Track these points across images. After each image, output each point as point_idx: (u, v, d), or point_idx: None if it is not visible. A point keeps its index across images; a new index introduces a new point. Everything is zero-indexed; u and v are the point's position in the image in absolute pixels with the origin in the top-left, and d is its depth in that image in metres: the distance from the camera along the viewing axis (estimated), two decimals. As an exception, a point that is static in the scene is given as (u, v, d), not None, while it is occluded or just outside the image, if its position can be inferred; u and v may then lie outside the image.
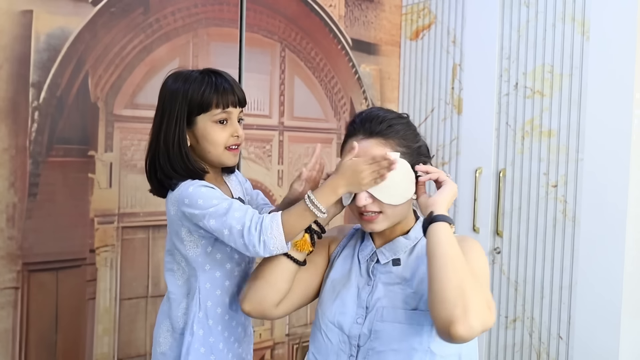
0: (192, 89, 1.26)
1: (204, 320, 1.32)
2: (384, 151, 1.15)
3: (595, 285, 2.01)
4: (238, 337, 1.40)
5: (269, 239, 1.16)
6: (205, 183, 1.27)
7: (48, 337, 1.76)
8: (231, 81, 1.31)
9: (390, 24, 2.67)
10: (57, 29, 1.74)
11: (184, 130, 1.27)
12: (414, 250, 1.22)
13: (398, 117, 1.21)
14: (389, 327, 1.14)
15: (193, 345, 1.31)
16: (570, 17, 2.10)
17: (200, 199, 1.22)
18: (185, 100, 1.26)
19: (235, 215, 1.18)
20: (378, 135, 1.17)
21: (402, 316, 1.14)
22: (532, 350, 2.19)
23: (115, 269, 1.88)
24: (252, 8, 2.18)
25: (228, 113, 1.29)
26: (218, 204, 1.21)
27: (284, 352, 2.34)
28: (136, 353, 1.95)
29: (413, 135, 1.21)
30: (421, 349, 1.12)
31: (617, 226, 1.95)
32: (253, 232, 1.17)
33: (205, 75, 1.29)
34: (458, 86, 2.47)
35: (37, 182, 1.72)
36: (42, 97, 1.72)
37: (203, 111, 1.27)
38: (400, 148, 1.17)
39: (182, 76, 1.30)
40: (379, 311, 1.16)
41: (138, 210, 1.92)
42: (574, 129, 2.08)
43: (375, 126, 1.17)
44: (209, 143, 1.29)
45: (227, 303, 1.35)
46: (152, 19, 1.93)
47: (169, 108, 1.28)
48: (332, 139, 2.48)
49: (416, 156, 1.19)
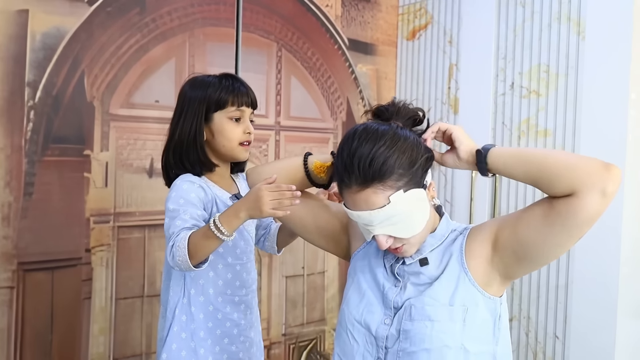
0: (211, 89, 1.39)
1: (187, 307, 1.39)
2: (385, 197, 1.05)
3: (591, 284, 2.01)
4: (228, 333, 1.43)
5: (176, 252, 1.25)
6: (194, 180, 1.37)
7: (43, 336, 1.76)
8: (245, 85, 1.44)
9: (386, 24, 2.67)
10: (53, 29, 1.74)
11: (201, 124, 1.39)
12: (440, 248, 1.16)
13: (387, 142, 1.06)
14: (419, 325, 1.09)
15: (173, 328, 1.39)
16: (566, 17, 2.10)
17: (174, 192, 1.35)
18: (204, 98, 1.39)
19: (176, 222, 1.30)
20: (373, 182, 1.04)
21: (432, 313, 1.09)
22: (529, 349, 2.19)
23: (111, 268, 1.88)
24: (248, 8, 2.18)
25: (242, 112, 1.41)
26: (178, 208, 1.32)
27: (281, 352, 2.34)
28: (132, 353, 1.94)
29: (409, 157, 1.07)
30: (454, 346, 1.07)
31: (612, 226, 1.95)
32: (169, 243, 1.28)
33: (222, 79, 1.42)
34: (454, 86, 2.48)
35: (32, 182, 1.72)
36: (38, 97, 1.72)
37: (220, 108, 1.39)
38: (400, 182, 1.06)
39: (200, 79, 1.43)
40: (407, 310, 1.11)
41: (134, 210, 1.92)
42: (570, 129, 2.09)
43: (366, 172, 1.04)
44: (224, 137, 1.40)
45: (211, 294, 1.41)
46: (149, 19, 1.93)
47: (187, 106, 1.40)
48: (329, 138, 2.48)
49: (420, 173, 1.09)
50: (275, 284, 2.31)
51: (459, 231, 1.18)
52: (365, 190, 1.05)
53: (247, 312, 1.46)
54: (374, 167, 1.04)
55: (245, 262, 1.46)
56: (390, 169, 1.04)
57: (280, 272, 2.33)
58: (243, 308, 1.45)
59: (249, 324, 1.48)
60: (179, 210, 1.32)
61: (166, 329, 1.42)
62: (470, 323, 1.09)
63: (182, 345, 1.39)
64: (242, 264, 1.45)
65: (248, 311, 1.47)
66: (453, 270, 1.12)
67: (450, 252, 1.14)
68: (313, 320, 2.45)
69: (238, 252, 1.44)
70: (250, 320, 1.48)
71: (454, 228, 1.19)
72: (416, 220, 1.09)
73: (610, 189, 1.00)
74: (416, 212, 1.09)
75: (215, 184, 1.43)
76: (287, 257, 2.35)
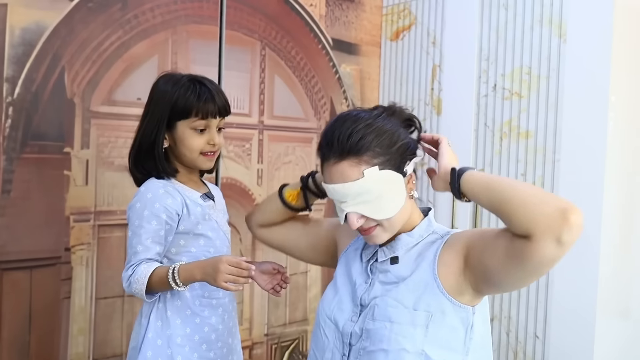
0: (177, 94, 1.35)
1: (162, 312, 1.38)
2: (360, 170, 1.07)
3: (571, 285, 2.04)
4: (206, 339, 1.40)
5: (134, 283, 1.32)
6: (159, 186, 1.36)
7: (21, 337, 1.73)
8: (214, 91, 1.38)
9: (370, 24, 2.68)
10: (32, 24, 1.71)
11: (162, 132, 1.37)
12: (416, 249, 1.16)
13: (367, 122, 1.10)
14: (380, 326, 1.10)
15: (148, 335, 1.37)
16: (548, 19, 2.13)
17: (138, 202, 1.35)
18: (169, 104, 1.36)
19: (138, 248, 1.34)
20: (349, 155, 1.08)
21: (393, 315, 1.09)
22: (509, 349, 2.21)
23: (91, 267, 1.85)
24: (232, 6, 2.16)
25: (207, 122, 1.38)
26: (141, 223, 1.33)
27: (263, 352, 2.33)
28: (112, 353, 1.92)
29: (389, 139, 1.10)
30: (414, 351, 1.07)
31: (592, 226, 1.98)
32: (128, 270, 1.33)
33: (192, 83, 1.37)
34: (437, 87, 2.49)
35: (10, 179, 1.68)
36: (17, 93, 1.69)
37: (183, 117, 1.36)
38: (376, 160, 1.08)
39: (172, 80, 1.39)
40: (371, 309, 1.12)
41: (115, 209, 1.90)
42: (551, 131, 2.11)
43: (343, 146, 1.08)
44: (184, 147, 1.38)
45: (188, 297, 1.38)
46: (131, 15, 1.91)
47: (153, 108, 1.38)
48: (312, 138, 2.48)
49: (399, 157, 1.11)
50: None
51: (440, 234, 1.16)
52: (342, 163, 1.08)
53: (224, 316, 1.44)
54: (351, 140, 1.08)
55: None
56: (367, 144, 1.08)
57: (263, 272, 2.32)
58: (221, 312, 1.43)
59: (227, 329, 1.45)
60: (142, 228, 1.34)
61: (141, 335, 1.38)
62: (435, 330, 1.08)
63: (158, 353, 1.36)
64: None
65: (226, 315, 1.44)
66: (423, 275, 1.11)
67: (424, 256, 1.13)
68: (295, 320, 2.45)
69: (212, 251, 1.41)
70: (229, 325, 1.46)
71: (435, 230, 1.17)
72: (388, 203, 1.09)
73: (566, 238, 0.94)
74: (390, 194, 1.09)
75: (184, 184, 1.42)
76: (269, 257, 2.33)
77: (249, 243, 2.25)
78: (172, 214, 1.36)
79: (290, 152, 2.38)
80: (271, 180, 2.32)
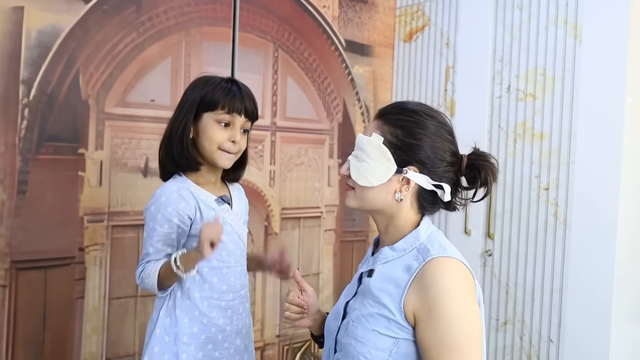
0: (207, 89, 1.40)
1: (172, 310, 1.40)
2: (373, 132, 1.12)
3: (585, 288, 2.01)
4: (212, 339, 1.41)
5: (146, 279, 1.37)
6: (174, 189, 1.39)
7: (36, 336, 1.75)
8: (244, 92, 1.42)
9: (383, 25, 2.67)
10: (48, 26, 1.73)
11: (189, 121, 1.40)
12: (390, 264, 1.11)
13: (425, 112, 1.12)
14: (348, 342, 1.10)
15: (156, 330, 1.39)
16: (563, 20, 2.10)
17: (153, 205, 1.39)
18: (199, 95, 1.40)
19: (149, 250, 1.38)
20: (381, 117, 1.14)
21: (360, 335, 1.08)
22: (523, 353, 2.19)
23: (105, 267, 1.87)
24: (245, 8, 2.17)
25: (232, 117, 1.40)
26: (154, 226, 1.38)
27: (274, 353, 2.33)
28: (125, 352, 1.93)
29: (417, 132, 1.10)
30: None
31: (607, 229, 1.96)
32: (140, 266, 1.39)
33: (224, 81, 1.42)
34: (451, 88, 2.48)
35: (26, 180, 1.70)
36: (33, 94, 1.71)
37: (210, 109, 1.39)
38: (389, 136, 1.11)
39: (204, 79, 1.44)
40: (346, 324, 1.12)
41: (128, 209, 1.91)
42: (566, 132, 2.09)
43: (387, 109, 1.15)
44: (205, 138, 1.40)
45: (197, 297, 1.40)
46: (145, 17, 1.93)
47: (183, 102, 1.42)
48: (325, 139, 2.48)
49: (404, 154, 1.10)
50: (269, 285, 2.30)
51: (421, 252, 1.09)
52: (374, 121, 1.16)
53: (233, 317, 1.44)
54: (393, 109, 1.14)
55: (234, 265, 1.44)
56: (398, 120, 1.12)
57: (275, 273, 2.32)
58: (229, 314, 1.43)
59: (235, 330, 1.45)
60: (155, 230, 1.38)
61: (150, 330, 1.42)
62: (397, 357, 1.05)
63: (165, 349, 1.38)
64: (229, 267, 1.43)
65: (234, 317, 1.45)
66: (390, 301, 1.07)
67: (396, 280, 1.08)
68: (307, 322, 2.45)
69: (224, 254, 1.42)
70: (237, 326, 1.46)
71: (421, 245, 1.11)
72: (366, 172, 1.12)
73: None
74: (372, 167, 1.11)
75: (201, 187, 1.42)
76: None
77: (260, 244, 2.26)
78: (184, 218, 1.37)
79: (302, 153, 2.39)
80: (283, 182, 2.32)
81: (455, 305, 1.01)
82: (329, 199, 2.49)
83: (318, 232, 2.46)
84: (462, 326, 1.01)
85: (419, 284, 1.05)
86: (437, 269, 1.04)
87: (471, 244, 2.33)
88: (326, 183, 2.48)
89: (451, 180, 1.13)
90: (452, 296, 1.02)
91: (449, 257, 1.07)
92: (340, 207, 2.52)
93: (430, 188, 1.11)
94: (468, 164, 1.14)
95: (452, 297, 1.02)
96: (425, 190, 1.12)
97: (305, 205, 2.41)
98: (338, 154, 2.52)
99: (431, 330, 1.02)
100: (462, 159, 1.15)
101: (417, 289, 1.04)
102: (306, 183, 2.41)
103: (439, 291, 1.02)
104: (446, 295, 1.02)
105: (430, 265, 1.05)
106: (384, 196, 1.12)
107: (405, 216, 1.14)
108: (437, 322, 1.01)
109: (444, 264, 1.05)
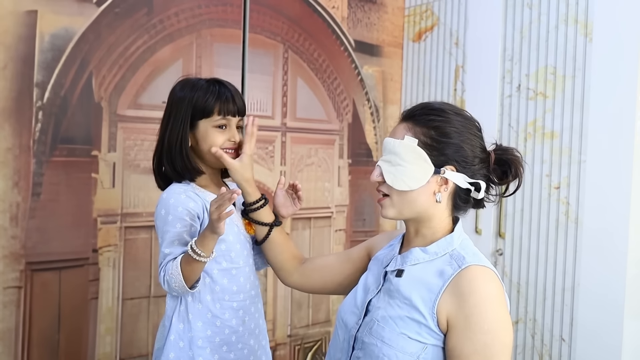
0: (197, 95, 1.40)
1: (184, 315, 1.40)
2: (405, 135, 1.11)
3: (597, 287, 2.01)
4: (226, 340, 1.42)
5: (170, 280, 1.34)
6: (180, 191, 1.40)
7: (50, 336, 1.76)
8: (233, 91, 1.44)
9: (392, 25, 2.67)
10: (61, 29, 1.75)
11: (186, 131, 1.41)
12: (422, 266, 1.11)
13: (452, 110, 1.13)
14: (372, 342, 1.08)
15: (170, 337, 1.39)
16: (574, 18, 2.10)
17: (163, 209, 1.39)
18: (190, 105, 1.40)
19: (165, 251, 1.37)
20: (410, 119, 1.13)
21: (387, 336, 1.07)
22: (535, 352, 2.19)
23: (118, 268, 1.89)
24: (255, 9, 2.18)
25: (227, 120, 1.42)
26: (168, 228, 1.37)
27: (286, 353, 2.34)
28: (138, 353, 1.95)
29: (450, 131, 1.10)
30: None
31: (619, 228, 1.95)
32: (161, 272, 1.36)
33: (210, 84, 1.42)
34: (460, 88, 2.48)
35: (40, 182, 1.72)
36: (46, 97, 1.73)
37: (205, 116, 1.41)
38: (423, 137, 1.10)
39: (189, 83, 1.43)
40: (371, 323, 1.11)
41: (141, 211, 1.92)
42: (577, 131, 2.08)
43: (413, 110, 1.14)
44: (207, 144, 1.42)
45: (209, 300, 1.40)
46: (156, 20, 1.94)
47: (175, 112, 1.42)
48: (335, 140, 2.48)
49: (440, 154, 1.10)
50: (280, 285, 2.31)
51: (454, 259, 1.09)
52: (401, 124, 1.15)
53: (245, 318, 1.44)
54: (421, 110, 1.14)
55: (242, 266, 1.44)
56: (429, 121, 1.11)
57: (286, 273, 2.33)
58: (242, 314, 1.43)
59: (248, 330, 1.46)
60: (168, 232, 1.38)
61: (164, 337, 1.41)
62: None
63: (180, 354, 1.38)
64: (238, 268, 1.43)
65: (247, 317, 1.45)
66: (422, 305, 1.06)
67: (428, 285, 1.08)
68: (318, 322, 2.45)
69: (233, 255, 1.42)
70: (250, 327, 1.46)
71: (455, 250, 1.11)
72: (404, 176, 1.10)
73: None
74: (410, 170, 1.10)
75: (205, 189, 1.44)
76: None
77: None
78: (194, 217, 1.38)
79: (312, 154, 2.39)
80: (294, 182, 2.33)
81: (491, 315, 1.02)
82: (339, 199, 2.50)
83: (328, 232, 2.47)
84: (498, 336, 1.02)
85: (454, 290, 1.05)
86: (474, 277, 1.05)
87: (482, 243, 2.33)
88: (336, 183, 2.49)
89: (485, 176, 1.14)
90: (488, 306, 1.03)
91: (484, 266, 1.08)
92: (351, 207, 2.53)
93: (467, 186, 1.12)
94: (496, 159, 1.15)
95: (488, 307, 1.03)
96: (461, 189, 1.13)
97: (316, 206, 2.42)
98: (348, 154, 2.52)
99: (466, 339, 1.02)
100: (490, 154, 1.15)
101: (452, 296, 1.05)
102: (316, 183, 2.42)
103: (477, 301, 1.03)
104: (483, 305, 1.03)
105: (466, 273, 1.06)
106: (424, 199, 1.12)
107: (440, 217, 1.14)
108: (473, 331, 1.02)
109: (481, 274, 1.06)
